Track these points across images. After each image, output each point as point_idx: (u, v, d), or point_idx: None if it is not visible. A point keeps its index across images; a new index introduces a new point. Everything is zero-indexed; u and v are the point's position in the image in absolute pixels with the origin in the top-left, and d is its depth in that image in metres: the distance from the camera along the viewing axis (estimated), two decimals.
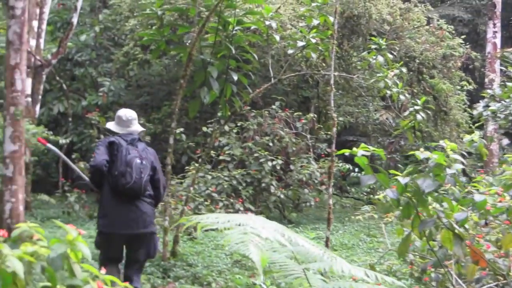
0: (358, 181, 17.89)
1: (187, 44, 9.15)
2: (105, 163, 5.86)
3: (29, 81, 13.07)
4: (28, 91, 13.05)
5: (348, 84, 16.93)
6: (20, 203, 8.94)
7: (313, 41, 9.54)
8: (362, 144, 4.89)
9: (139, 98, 17.65)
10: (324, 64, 14.84)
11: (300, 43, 9.63)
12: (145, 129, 14.96)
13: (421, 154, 4.89)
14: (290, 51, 10.40)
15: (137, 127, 6.32)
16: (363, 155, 4.78)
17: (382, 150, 4.94)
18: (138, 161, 5.93)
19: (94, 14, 19.42)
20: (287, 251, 3.20)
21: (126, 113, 6.34)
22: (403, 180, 4.80)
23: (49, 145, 6.72)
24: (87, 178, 6.45)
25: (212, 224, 2.87)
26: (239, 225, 2.78)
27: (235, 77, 9.00)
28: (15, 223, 8.81)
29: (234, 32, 8.93)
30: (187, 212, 11.06)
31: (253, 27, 9.71)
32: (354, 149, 4.84)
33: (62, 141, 12.92)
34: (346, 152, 4.89)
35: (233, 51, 8.84)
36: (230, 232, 2.70)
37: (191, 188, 9.85)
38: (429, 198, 4.93)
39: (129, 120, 6.27)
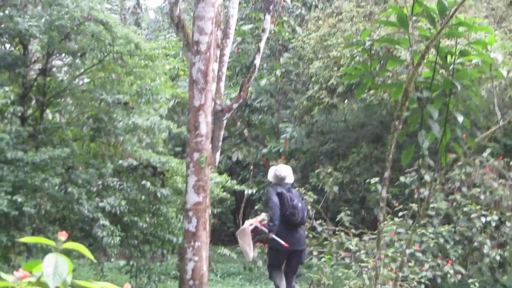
0: None
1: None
2: (279, 206, 8.63)
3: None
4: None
5: None
6: (203, 262, 8.00)
7: None
8: None
9: (323, 145, 16.58)
10: None
11: None
12: (331, 178, 13.85)
13: None
14: None
15: (289, 180, 9.06)
16: None
17: None
18: (300, 205, 8.87)
19: (274, 57, 18.66)
20: None
21: (281, 172, 9.04)
22: None
23: (274, 236, 8.73)
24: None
25: None
26: None
27: (460, 119, 7.44)
28: (198, 286, 7.89)
29: (454, 66, 7.44)
30: (389, 275, 9.66)
31: (474, 60, 8.16)
32: None
33: (248, 191, 11.98)
34: None
35: (458, 88, 7.33)
36: None
37: (407, 251, 8.34)
38: None
39: (284, 177, 8.98)
